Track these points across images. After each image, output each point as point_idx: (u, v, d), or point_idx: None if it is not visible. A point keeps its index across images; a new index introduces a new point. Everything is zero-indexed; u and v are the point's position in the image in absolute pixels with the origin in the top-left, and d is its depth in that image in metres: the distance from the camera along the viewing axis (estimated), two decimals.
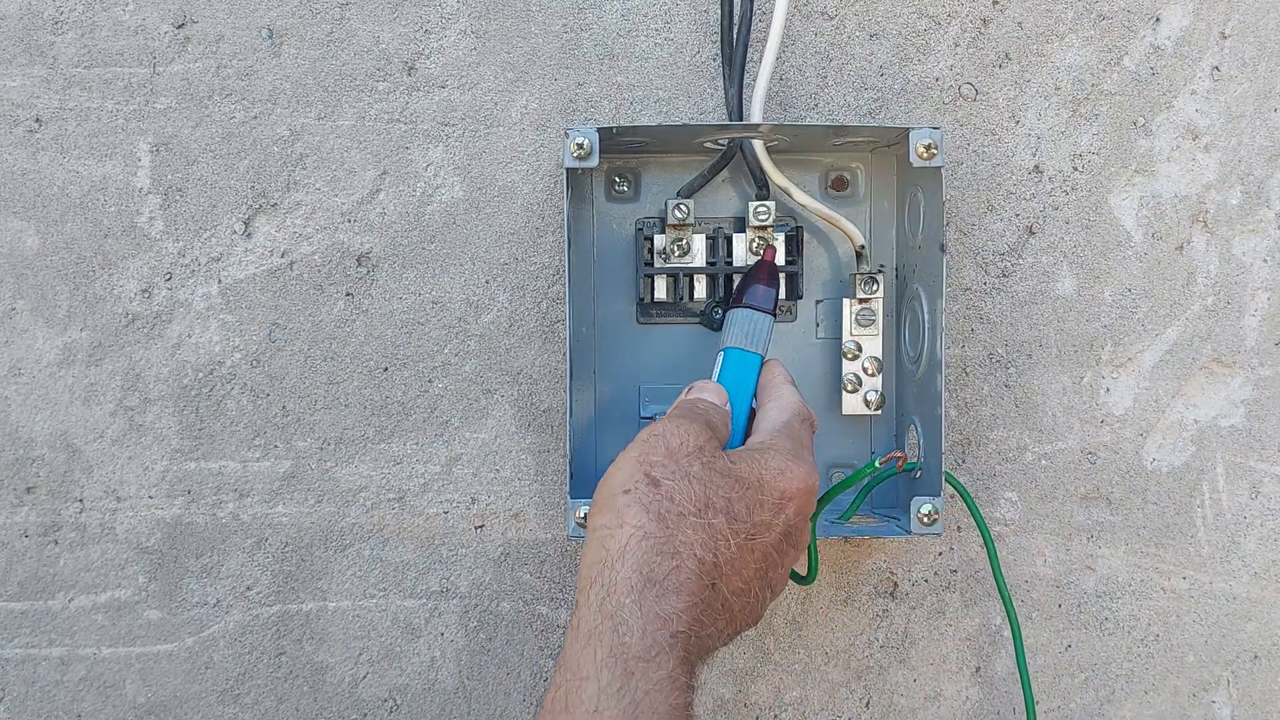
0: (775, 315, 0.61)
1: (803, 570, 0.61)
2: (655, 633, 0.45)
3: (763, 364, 0.59)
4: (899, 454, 0.58)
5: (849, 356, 0.65)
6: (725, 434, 0.54)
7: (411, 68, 0.66)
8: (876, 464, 0.58)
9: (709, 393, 0.56)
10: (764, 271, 0.62)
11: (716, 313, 0.65)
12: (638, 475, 0.49)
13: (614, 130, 0.59)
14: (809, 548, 0.60)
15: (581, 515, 0.59)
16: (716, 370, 0.59)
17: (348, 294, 0.66)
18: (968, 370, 0.68)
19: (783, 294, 0.65)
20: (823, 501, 0.59)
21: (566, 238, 0.59)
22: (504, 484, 0.67)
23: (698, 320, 0.66)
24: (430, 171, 0.66)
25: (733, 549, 0.48)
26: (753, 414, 0.58)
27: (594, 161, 0.58)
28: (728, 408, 0.56)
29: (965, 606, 0.68)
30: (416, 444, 0.67)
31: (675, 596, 0.46)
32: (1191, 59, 0.68)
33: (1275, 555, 0.69)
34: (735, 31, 0.63)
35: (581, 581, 0.48)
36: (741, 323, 0.60)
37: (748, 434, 0.57)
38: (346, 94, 0.66)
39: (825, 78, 0.67)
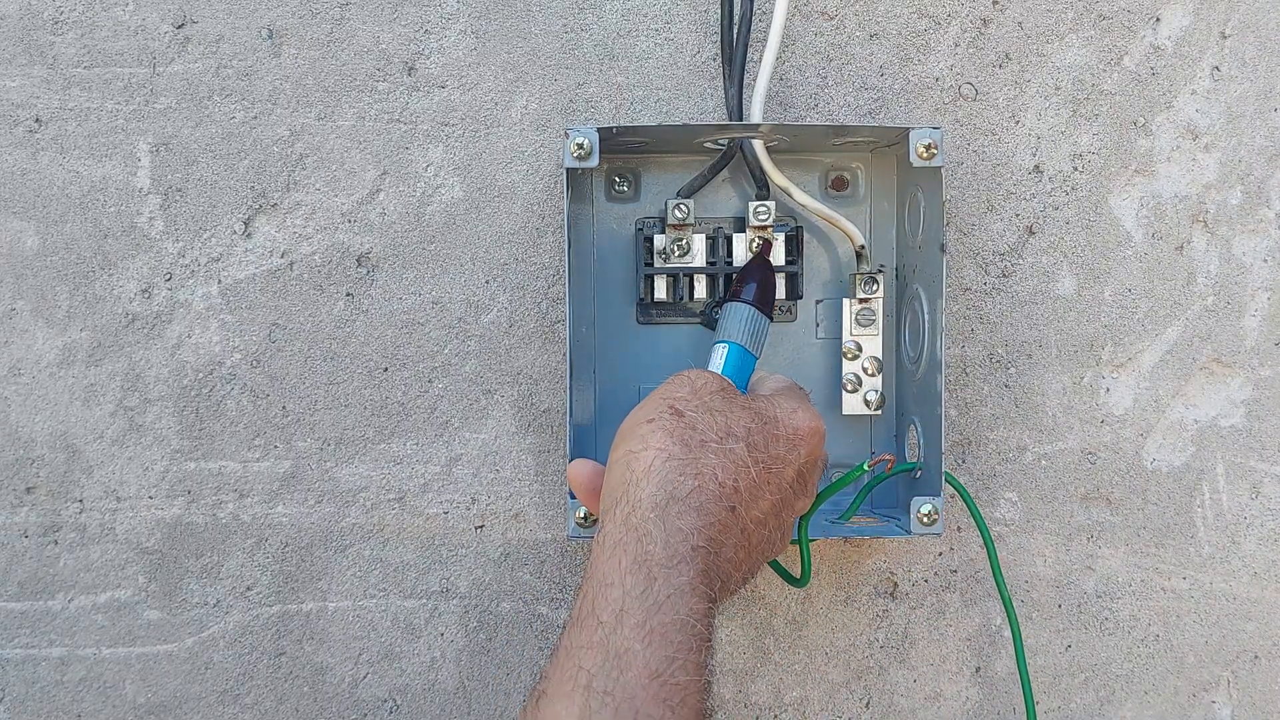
0: (771, 318, 0.62)
1: (796, 571, 0.62)
2: (677, 544, 0.47)
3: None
4: (887, 456, 0.59)
5: (849, 356, 0.65)
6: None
7: (411, 68, 0.66)
8: (865, 467, 0.58)
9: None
10: (767, 271, 0.63)
11: (715, 312, 0.65)
12: (662, 407, 0.51)
13: (614, 130, 0.59)
14: (801, 549, 0.60)
15: (582, 515, 0.59)
16: (720, 363, 0.60)
17: (348, 294, 0.66)
18: (968, 370, 0.68)
19: (782, 294, 0.65)
20: (816, 502, 0.59)
21: (566, 238, 0.59)
22: (504, 484, 0.67)
23: (698, 320, 0.66)
24: (430, 171, 0.66)
25: (753, 475, 0.50)
26: None
27: (594, 161, 0.58)
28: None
29: (965, 606, 0.69)
30: (416, 444, 0.67)
31: (696, 514, 0.48)
32: (1191, 59, 0.68)
33: (1275, 555, 0.69)
34: (735, 31, 0.63)
35: (606, 502, 0.50)
36: (747, 321, 0.61)
37: None
38: (346, 94, 0.66)
39: (825, 78, 0.67)
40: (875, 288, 0.65)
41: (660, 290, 0.65)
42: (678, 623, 0.45)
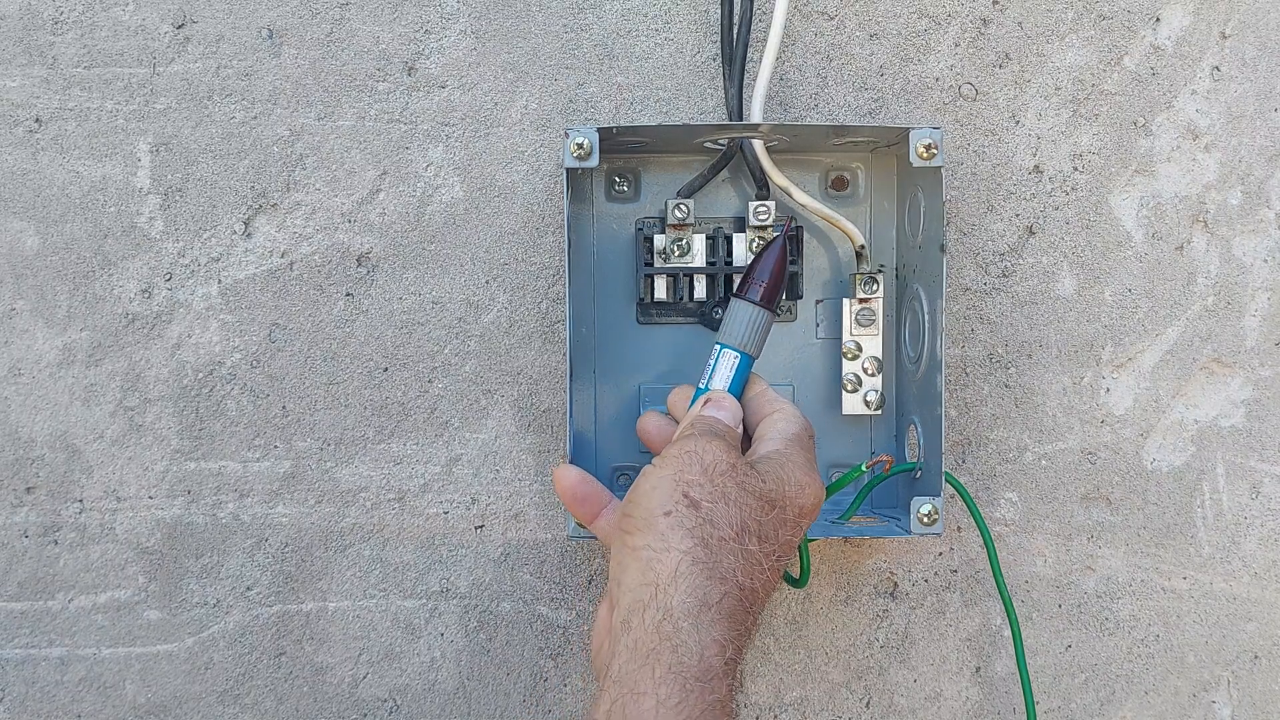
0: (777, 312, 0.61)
1: (795, 572, 0.62)
2: (711, 657, 0.46)
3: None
4: (885, 458, 0.58)
5: (849, 356, 0.65)
6: (739, 451, 0.54)
7: (411, 68, 0.66)
8: (863, 468, 0.58)
9: (725, 412, 0.56)
10: (784, 262, 0.59)
11: (717, 312, 0.65)
12: (676, 495, 0.49)
13: (614, 130, 0.59)
14: (800, 551, 0.60)
15: None
16: (729, 375, 0.59)
17: (348, 294, 0.66)
18: (968, 370, 0.68)
19: (782, 294, 0.65)
20: None
21: (566, 238, 0.59)
22: (504, 484, 0.67)
23: (697, 320, 0.66)
24: (430, 171, 0.66)
25: (766, 573, 0.50)
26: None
27: (594, 161, 0.58)
28: (740, 429, 0.56)
29: (965, 606, 0.68)
30: (416, 444, 0.67)
31: (727, 622, 0.47)
32: (1191, 59, 0.68)
33: (1275, 555, 0.69)
34: (735, 31, 0.63)
35: (627, 600, 0.48)
36: (753, 324, 0.59)
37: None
38: (346, 94, 0.66)
39: (825, 78, 0.67)
40: (875, 288, 0.65)
41: (660, 290, 0.65)
42: None
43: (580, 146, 0.58)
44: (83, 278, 0.66)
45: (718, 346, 0.60)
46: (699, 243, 0.64)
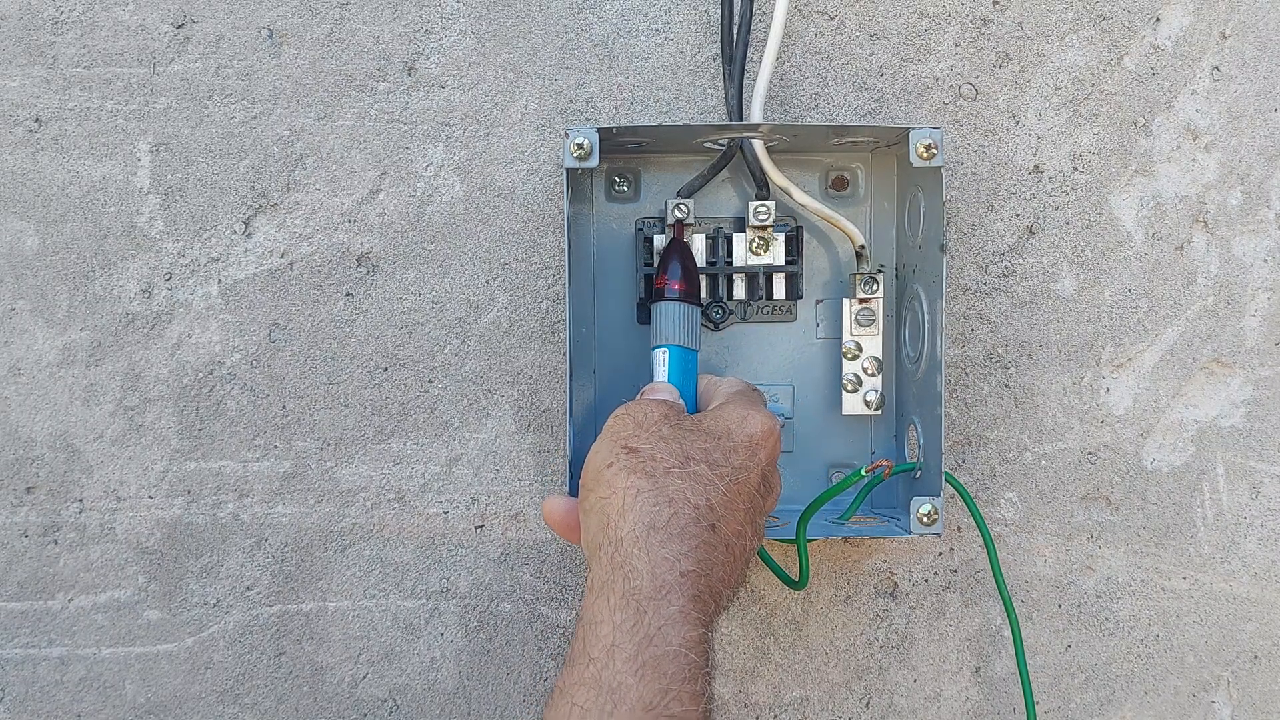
0: (701, 304, 0.62)
1: (794, 573, 0.62)
2: (664, 574, 0.47)
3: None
4: (884, 462, 0.58)
5: (849, 356, 0.65)
6: (676, 409, 0.56)
7: (411, 68, 0.66)
8: (862, 472, 0.58)
9: (662, 391, 0.59)
10: (686, 256, 0.62)
11: (715, 307, 0.65)
12: (615, 449, 0.51)
13: (614, 130, 0.59)
14: (799, 551, 0.60)
15: None
16: (664, 370, 0.60)
17: (348, 294, 0.66)
18: (968, 370, 0.68)
19: (782, 294, 0.65)
20: (814, 506, 0.59)
21: (566, 238, 0.59)
22: (504, 484, 0.67)
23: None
24: (430, 171, 0.66)
25: (722, 492, 0.50)
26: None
27: (594, 161, 0.58)
28: (681, 402, 0.58)
29: (965, 606, 0.68)
30: (416, 444, 0.67)
31: (678, 540, 0.48)
32: (1191, 59, 0.68)
33: (1275, 555, 0.69)
34: (735, 31, 0.63)
35: (589, 549, 0.50)
36: (677, 317, 0.61)
37: None
38: (346, 94, 0.66)
39: (825, 78, 0.67)
40: (875, 288, 0.65)
41: None
42: (670, 654, 0.45)
43: (580, 146, 0.58)
44: (83, 278, 0.66)
45: (652, 351, 0.61)
46: (699, 243, 0.64)
